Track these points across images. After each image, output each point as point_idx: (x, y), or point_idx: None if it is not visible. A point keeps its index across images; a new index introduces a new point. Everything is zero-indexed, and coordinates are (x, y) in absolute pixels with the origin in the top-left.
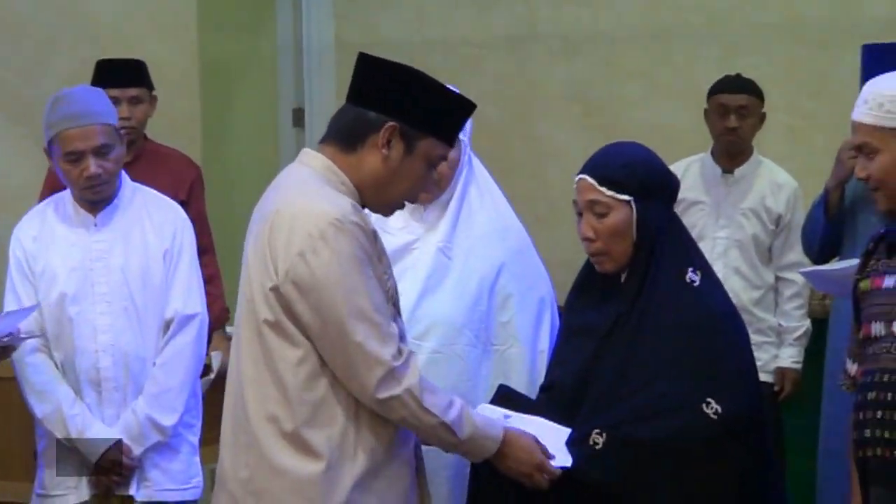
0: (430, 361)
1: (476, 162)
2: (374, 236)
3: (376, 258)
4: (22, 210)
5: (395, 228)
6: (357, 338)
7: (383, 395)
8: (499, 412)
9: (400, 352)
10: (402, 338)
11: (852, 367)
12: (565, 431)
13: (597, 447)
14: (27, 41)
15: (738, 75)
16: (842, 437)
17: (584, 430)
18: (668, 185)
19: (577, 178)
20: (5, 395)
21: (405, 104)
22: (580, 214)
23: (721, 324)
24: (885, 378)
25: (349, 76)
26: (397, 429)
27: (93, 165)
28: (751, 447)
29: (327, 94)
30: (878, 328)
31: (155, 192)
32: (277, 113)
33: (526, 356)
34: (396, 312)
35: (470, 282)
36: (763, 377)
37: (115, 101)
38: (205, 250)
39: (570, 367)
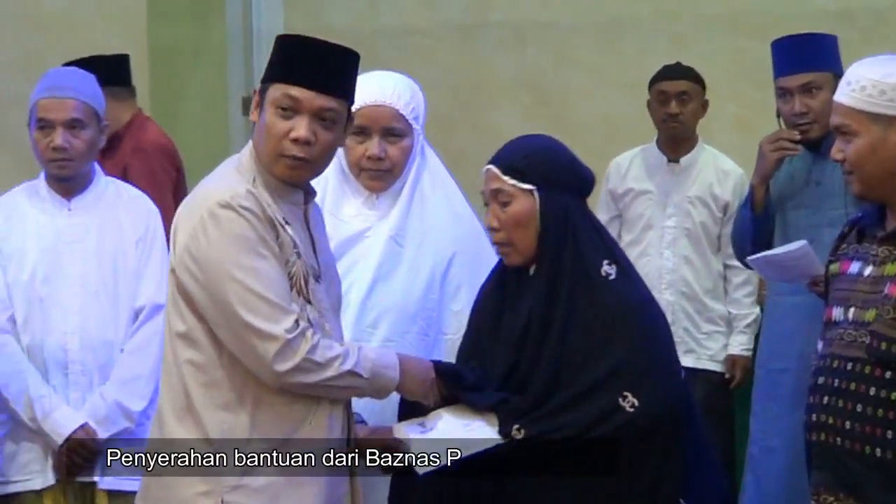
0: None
1: (429, 151)
2: (270, 223)
3: (274, 243)
4: None
5: (349, 216)
6: (246, 317)
7: (283, 367)
8: (415, 426)
9: (297, 324)
10: (311, 322)
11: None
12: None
13: (515, 442)
14: None
15: (678, 63)
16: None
17: (506, 426)
18: (576, 178)
19: (484, 169)
20: None
21: (271, 66)
22: (487, 205)
23: (637, 316)
24: (835, 364)
25: None
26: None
27: (60, 137)
28: (671, 441)
29: None
30: (837, 313)
31: (127, 184)
32: (227, 101)
33: None
34: (306, 301)
35: (422, 270)
36: (713, 366)
37: None
38: None
39: (493, 371)
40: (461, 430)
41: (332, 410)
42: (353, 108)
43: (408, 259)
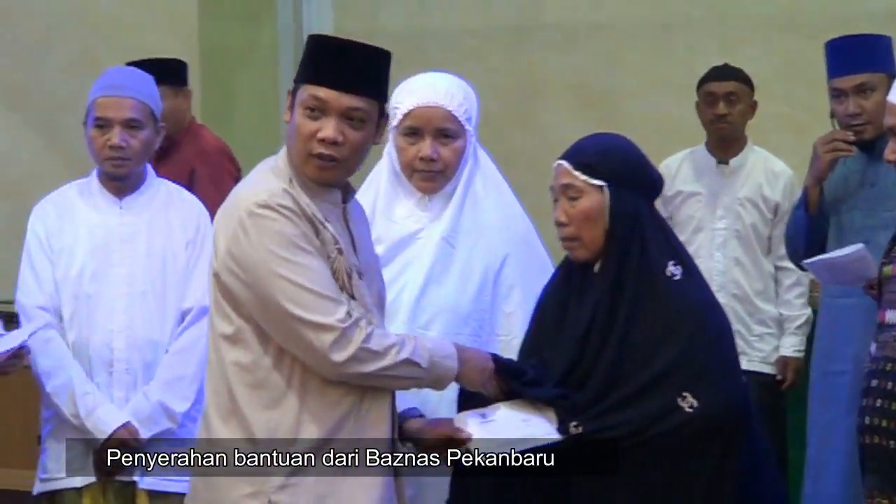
0: None
1: (482, 153)
2: (309, 220)
3: (315, 238)
4: (21, 198)
5: (401, 217)
6: (296, 312)
7: (340, 357)
8: (475, 415)
9: (349, 314)
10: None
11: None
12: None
13: (573, 439)
14: (27, 30)
15: (726, 64)
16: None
17: (564, 423)
18: (647, 178)
19: (555, 164)
20: (8, 383)
21: (298, 68)
22: (556, 200)
23: (700, 317)
24: (888, 367)
25: None
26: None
27: (117, 136)
28: (729, 444)
29: None
30: (891, 315)
31: (178, 186)
32: (278, 102)
33: None
34: (350, 296)
35: (474, 272)
36: (765, 368)
37: None
38: None
39: (555, 367)
40: (520, 424)
41: (377, 409)
42: (407, 109)
43: (460, 260)
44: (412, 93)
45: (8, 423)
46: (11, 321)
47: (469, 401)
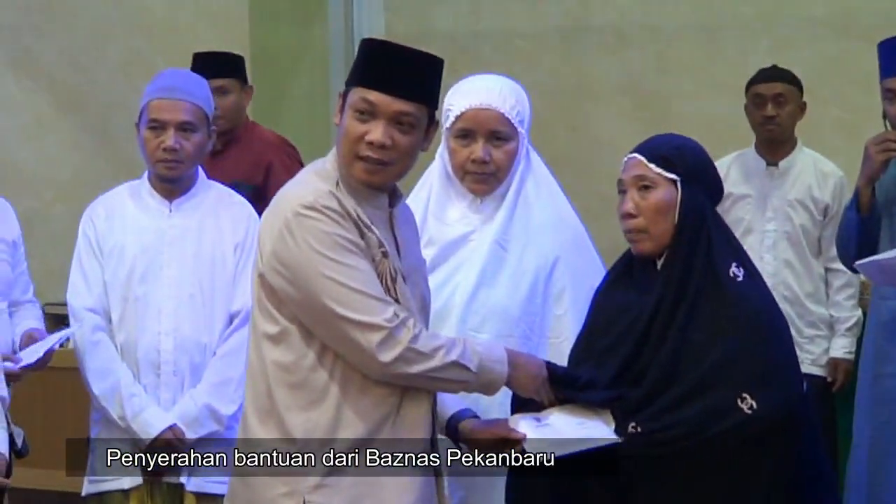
0: None
1: (534, 155)
2: (354, 223)
3: (360, 240)
4: (74, 200)
5: (453, 220)
6: (343, 312)
7: (387, 357)
8: (530, 418)
9: (396, 315)
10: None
11: None
12: (607, 429)
13: (631, 439)
14: (80, 31)
15: (774, 66)
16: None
17: (621, 425)
18: (715, 180)
19: (626, 158)
20: (57, 385)
21: (350, 70)
22: (623, 192)
23: (761, 319)
24: None
25: None
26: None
27: (171, 138)
28: (786, 448)
29: None
30: None
31: (229, 189)
32: (329, 104)
33: None
34: (394, 300)
35: (526, 274)
36: (816, 371)
37: None
38: None
39: (612, 361)
40: (576, 427)
41: (416, 410)
42: (459, 111)
43: (512, 263)
44: (465, 95)
45: (55, 426)
46: (63, 322)
47: (522, 407)
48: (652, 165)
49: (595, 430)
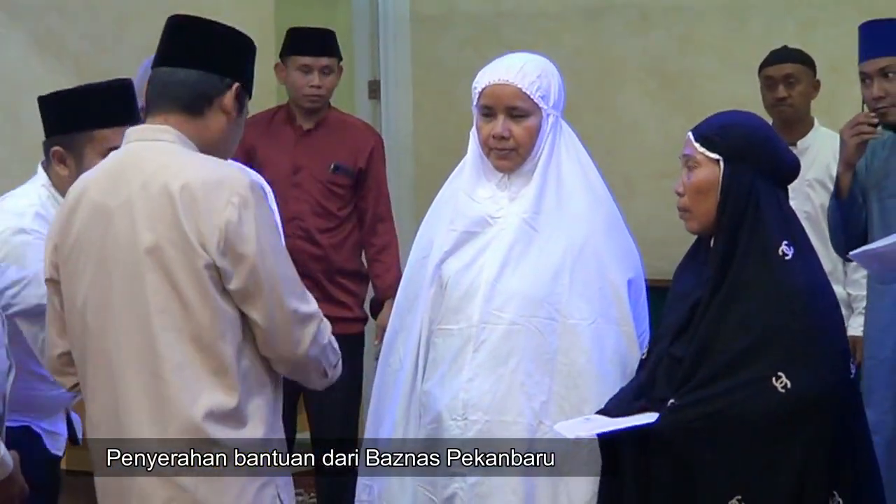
0: (507, 333)
1: (568, 132)
2: None
3: None
4: None
5: (482, 198)
6: (293, 303)
7: (313, 350)
8: (576, 422)
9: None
10: None
11: None
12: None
13: (663, 414)
14: (104, 12)
15: (784, 46)
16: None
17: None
18: (771, 158)
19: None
20: None
21: (240, 64)
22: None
23: (804, 299)
24: None
25: (426, 48)
26: None
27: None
28: (822, 428)
29: (403, 67)
30: None
31: None
32: (354, 84)
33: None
34: None
35: (552, 255)
36: None
37: (308, 69)
38: (382, 218)
39: (667, 332)
40: (619, 420)
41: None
42: (481, 88)
43: (539, 244)
44: (487, 72)
45: None
46: None
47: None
48: (697, 144)
49: (638, 418)
